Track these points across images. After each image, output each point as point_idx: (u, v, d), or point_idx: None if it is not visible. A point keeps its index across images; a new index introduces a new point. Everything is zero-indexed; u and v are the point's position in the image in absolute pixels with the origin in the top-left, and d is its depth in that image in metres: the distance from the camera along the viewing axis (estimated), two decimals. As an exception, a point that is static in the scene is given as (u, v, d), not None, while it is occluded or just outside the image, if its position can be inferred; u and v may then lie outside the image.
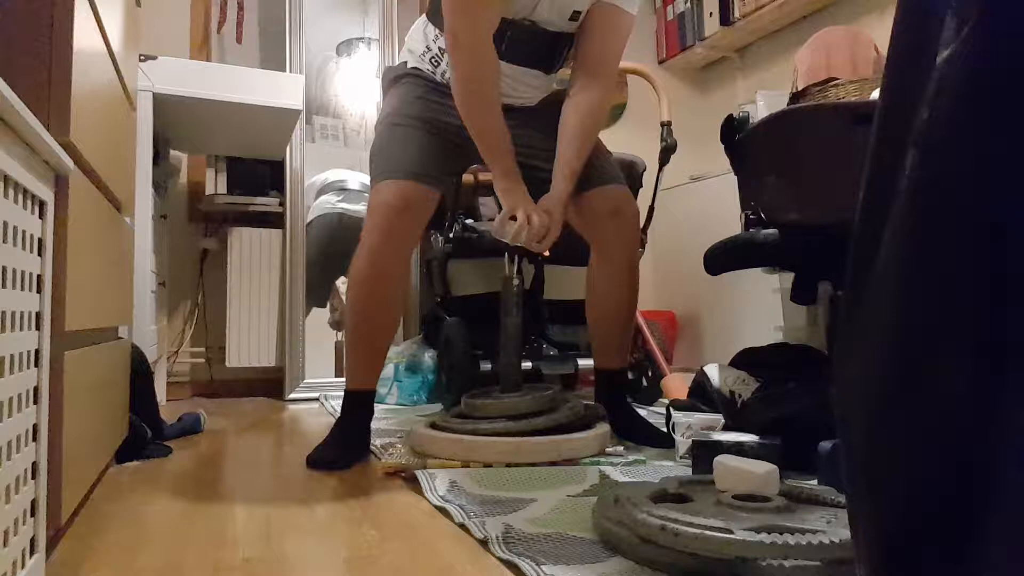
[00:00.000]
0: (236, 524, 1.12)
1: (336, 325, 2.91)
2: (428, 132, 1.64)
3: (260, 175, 2.89)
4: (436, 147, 1.63)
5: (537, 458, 1.46)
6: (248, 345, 2.76)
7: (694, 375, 1.80)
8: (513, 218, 1.53)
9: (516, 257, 1.74)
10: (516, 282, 1.73)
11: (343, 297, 2.82)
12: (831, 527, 0.87)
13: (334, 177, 2.99)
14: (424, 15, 1.72)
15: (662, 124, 2.25)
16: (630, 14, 1.63)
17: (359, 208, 2.82)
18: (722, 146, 1.74)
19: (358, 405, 1.63)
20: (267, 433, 1.99)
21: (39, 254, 0.80)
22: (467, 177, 2.31)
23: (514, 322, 1.72)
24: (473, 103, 1.54)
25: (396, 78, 1.74)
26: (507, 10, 1.55)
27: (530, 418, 1.55)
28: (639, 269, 1.76)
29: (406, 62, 1.74)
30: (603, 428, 1.61)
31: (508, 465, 1.43)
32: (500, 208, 1.58)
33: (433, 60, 1.68)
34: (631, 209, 1.72)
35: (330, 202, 2.91)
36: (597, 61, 1.65)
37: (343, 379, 1.66)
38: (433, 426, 1.62)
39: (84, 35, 0.98)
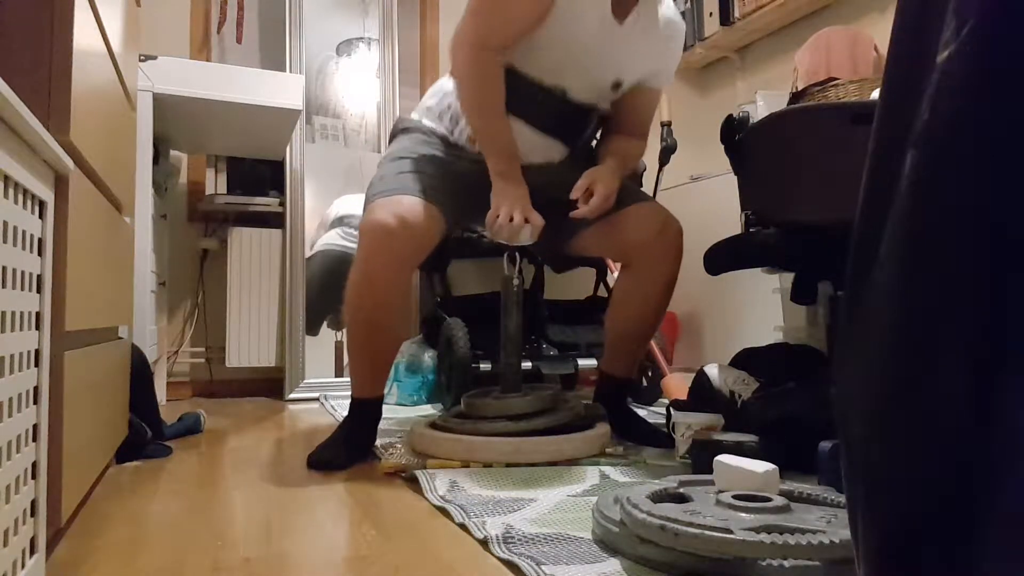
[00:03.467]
0: (236, 524, 1.12)
1: (335, 324, 2.91)
2: (435, 168, 1.59)
3: (260, 175, 2.90)
4: (442, 182, 1.57)
5: (537, 458, 1.46)
6: (248, 345, 2.76)
7: (694, 375, 1.80)
8: (511, 220, 1.52)
9: (516, 257, 1.73)
10: (516, 282, 1.73)
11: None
12: (831, 527, 0.87)
13: (345, 211, 2.95)
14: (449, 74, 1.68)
15: (662, 124, 2.26)
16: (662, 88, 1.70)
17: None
18: (722, 146, 1.74)
19: (365, 411, 1.63)
20: (267, 433, 1.99)
21: (39, 254, 0.80)
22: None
23: (514, 322, 1.72)
24: (475, 104, 1.53)
25: (406, 129, 1.70)
26: (534, 67, 1.54)
27: (530, 418, 1.55)
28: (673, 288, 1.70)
29: (420, 120, 1.71)
30: (603, 428, 1.61)
31: (508, 465, 1.43)
32: None
33: (453, 118, 1.65)
34: (676, 226, 1.66)
35: (334, 240, 2.89)
36: (632, 127, 1.71)
37: (343, 379, 1.66)
38: (433, 426, 1.62)
39: (84, 35, 0.98)
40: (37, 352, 0.79)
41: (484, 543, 0.98)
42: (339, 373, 2.84)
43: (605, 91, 1.63)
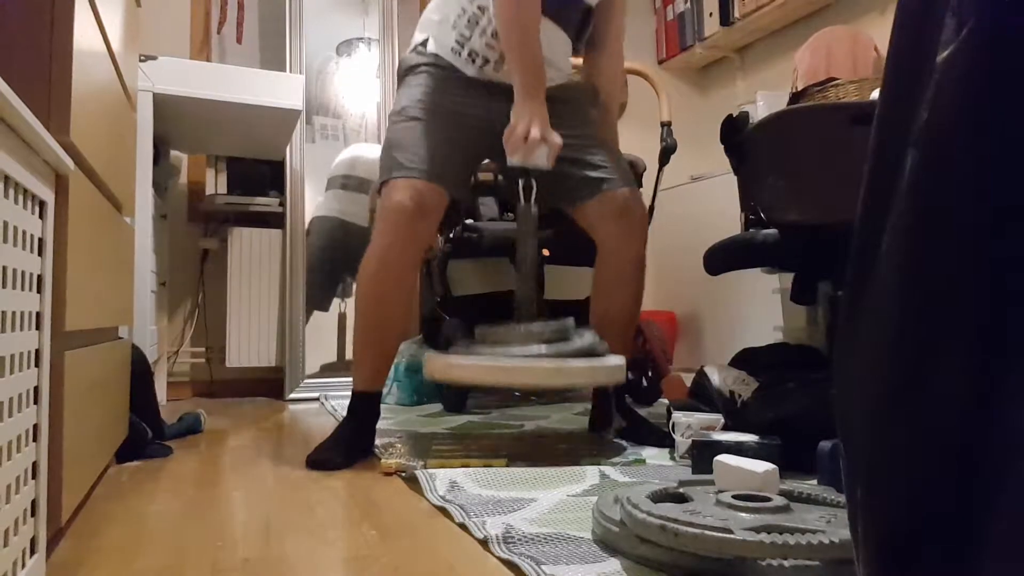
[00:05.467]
0: (236, 524, 1.12)
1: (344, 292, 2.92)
2: (446, 125, 1.62)
3: (260, 175, 2.90)
4: (454, 143, 1.62)
5: (580, 380, 1.44)
6: (248, 345, 2.76)
7: (694, 375, 1.80)
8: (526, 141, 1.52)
9: (532, 185, 1.66)
10: (534, 210, 1.66)
11: None
12: (831, 527, 0.87)
13: (341, 170, 2.96)
14: None
15: (662, 124, 2.25)
16: None
17: (357, 211, 2.83)
18: (722, 146, 1.74)
19: (363, 407, 1.63)
20: (267, 433, 1.99)
21: (39, 254, 0.80)
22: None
23: (530, 251, 1.63)
24: (517, 20, 1.54)
25: (412, 68, 1.70)
26: None
27: (559, 343, 1.49)
28: (645, 267, 1.75)
29: (425, 43, 1.69)
30: (619, 359, 1.57)
31: (508, 464, 1.43)
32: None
33: (470, 23, 1.64)
34: (640, 209, 1.71)
35: (331, 205, 2.91)
36: (616, 34, 1.83)
37: (342, 379, 1.66)
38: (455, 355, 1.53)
39: (84, 35, 0.98)
40: (37, 352, 0.79)
41: (484, 543, 0.98)
42: (342, 357, 2.84)
43: None
